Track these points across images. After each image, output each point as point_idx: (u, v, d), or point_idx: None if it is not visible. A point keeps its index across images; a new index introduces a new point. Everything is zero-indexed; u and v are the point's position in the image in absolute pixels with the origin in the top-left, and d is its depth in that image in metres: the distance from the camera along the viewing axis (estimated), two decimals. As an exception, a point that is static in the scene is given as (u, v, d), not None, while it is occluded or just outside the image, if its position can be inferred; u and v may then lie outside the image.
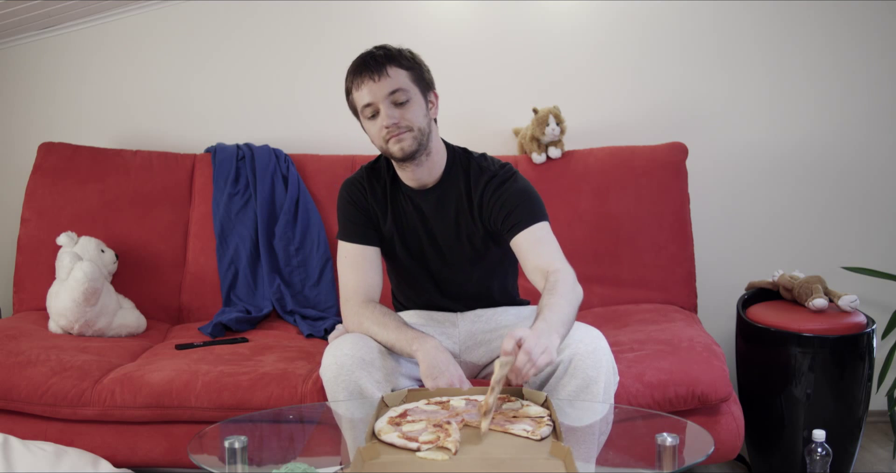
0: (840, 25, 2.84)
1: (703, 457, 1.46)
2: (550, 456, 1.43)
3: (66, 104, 2.97)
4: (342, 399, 1.77)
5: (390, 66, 1.87)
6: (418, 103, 1.90)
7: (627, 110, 2.91)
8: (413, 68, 1.91)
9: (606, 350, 1.78)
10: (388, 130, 1.88)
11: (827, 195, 2.90)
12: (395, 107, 1.87)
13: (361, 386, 1.77)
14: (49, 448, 1.96)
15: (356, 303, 1.94)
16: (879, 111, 2.87)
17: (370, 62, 1.87)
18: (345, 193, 2.05)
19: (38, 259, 2.63)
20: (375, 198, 2.02)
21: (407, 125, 1.88)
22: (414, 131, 1.89)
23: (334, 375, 1.78)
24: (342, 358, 1.79)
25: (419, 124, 1.89)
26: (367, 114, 1.90)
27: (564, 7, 2.90)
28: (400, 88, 1.87)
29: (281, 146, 2.86)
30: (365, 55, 1.90)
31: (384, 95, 1.86)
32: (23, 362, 2.15)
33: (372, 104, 1.88)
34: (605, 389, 1.76)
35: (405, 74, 1.89)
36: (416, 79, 1.91)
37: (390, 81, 1.86)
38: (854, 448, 2.36)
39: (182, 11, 2.93)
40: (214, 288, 2.71)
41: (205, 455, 1.55)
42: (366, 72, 1.87)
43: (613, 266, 2.64)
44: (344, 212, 2.04)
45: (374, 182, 2.03)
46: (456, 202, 1.99)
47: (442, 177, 2.00)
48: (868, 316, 2.37)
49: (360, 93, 1.89)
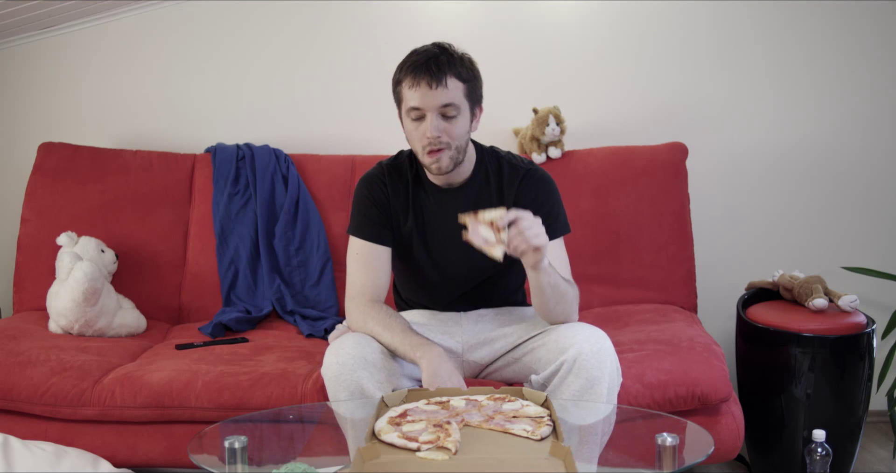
0: (840, 25, 2.84)
1: (703, 457, 1.47)
2: (550, 456, 1.43)
3: (65, 104, 2.97)
4: (343, 399, 1.77)
5: (451, 75, 1.83)
6: (465, 118, 1.88)
7: (627, 110, 2.91)
8: (470, 81, 1.88)
9: (611, 350, 1.78)
10: (429, 141, 1.85)
11: (827, 195, 2.90)
12: (443, 120, 1.84)
13: (363, 386, 1.77)
14: (49, 448, 1.96)
15: (362, 302, 1.93)
16: (879, 111, 2.87)
17: (433, 66, 1.82)
18: (364, 189, 2.01)
19: (38, 259, 2.63)
20: (397, 196, 2.00)
21: (447, 141, 1.85)
22: (452, 150, 1.87)
23: (335, 374, 1.78)
24: (344, 357, 1.78)
25: (459, 142, 1.87)
26: (413, 115, 1.86)
27: (564, 7, 2.89)
28: (453, 103, 1.84)
29: (281, 146, 2.86)
30: (428, 55, 1.84)
31: (436, 106, 1.83)
32: (23, 362, 2.15)
33: (421, 109, 1.84)
34: (609, 389, 1.77)
35: (462, 88, 1.86)
36: (469, 94, 1.88)
37: (447, 94, 1.83)
38: (854, 448, 2.36)
39: (182, 11, 2.93)
40: (214, 288, 2.71)
41: (205, 455, 1.56)
42: (425, 75, 1.82)
43: (613, 266, 2.64)
44: (361, 208, 2.00)
45: (397, 180, 2.01)
46: (486, 200, 1.98)
47: (471, 175, 1.99)
48: (868, 316, 2.37)
49: (412, 93, 1.84)
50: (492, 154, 2.04)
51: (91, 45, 2.94)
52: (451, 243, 1.98)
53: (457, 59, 1.86)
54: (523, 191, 1.97)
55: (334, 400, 1.79)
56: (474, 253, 1.95)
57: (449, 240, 1.98)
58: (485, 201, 1.98)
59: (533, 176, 1.99)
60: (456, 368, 1.82)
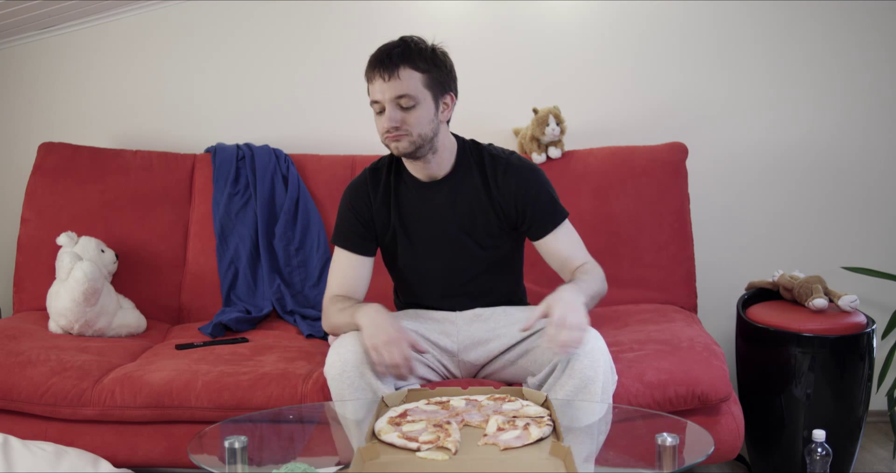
0: (840, 25, 2.84)
1: (703, 457, 1.47)
2: (550, 456, 1.43)
3: (65, 104, 2.97)
4: (348, 397, 1.77)
5: (404, 67, 1.86)
6: (426, 108, 1.89)
7: (627, 110, 2.91)
8: (429, 71, 1.89)
9: (604, 350, 1.79)
10: (386, 130, 1.89)
11: (827, 195, 2.90)
12: (400, 110, 1.87)
13: (368, 381, 1.77)
14: (49, 448, 1.96)
15: (326, 302, 1.99)
16: (879, 111, 2.87)
17: (385, 60, 1.87)
18: (347, 200, 2.06)
19: (38, 259, 2.63)
20: (376, 197, 2.02)
21: (406, 130, 1.88)
22: (412, 136, 1.89)
23: (339, 372, 1.78)
24: (346, 354, 1.79)
25: (420, 130, 1.89)
26: (376, 109, 1.92)
27: (564, 7, 2.89)
28: (407, 94, 1.86)
29: (281, 146, 2.86)
30: (383, 49, 1.90)
31: (391, 97, 1.87)
32: (23, 362, 2.15)
33: (379, 102, 1.89)
34: (604, 389, 1.77)
35: (418, 78, 1.87)
36: (430, 83, 1.89)
37: (399, 85, 1.86)
38: (854, 448, 2.36)
39: (182, 11, 2.93)
40: (214, 288, 2.71)
41: (205, 455, 1.56)
42: (378, 68, 1.87)
43: (613, 266, 2.62)
44: (343, 219, 2.05)
45: (378, 182, 2.04)
46: (471, 192, 2.00)
47: (453, 168, 2.00)
48: (868, 316, 2.37)
49: (371, 86, 1.90)
50: (473, 146, 2.05)
51: (91, 45, 2.94)
52: (432, 236, 2.01)
53: (414, 50, 1.88)
54: (508, 182, 1.98)
55: (338, 399, 1.79)
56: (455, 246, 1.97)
57: (430, 234, 2.01)
58: (469, 193, 2.00)
59: (515, 165, 2.00)
60: (395, 320, 1.83)
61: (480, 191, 2.00)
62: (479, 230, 2.01)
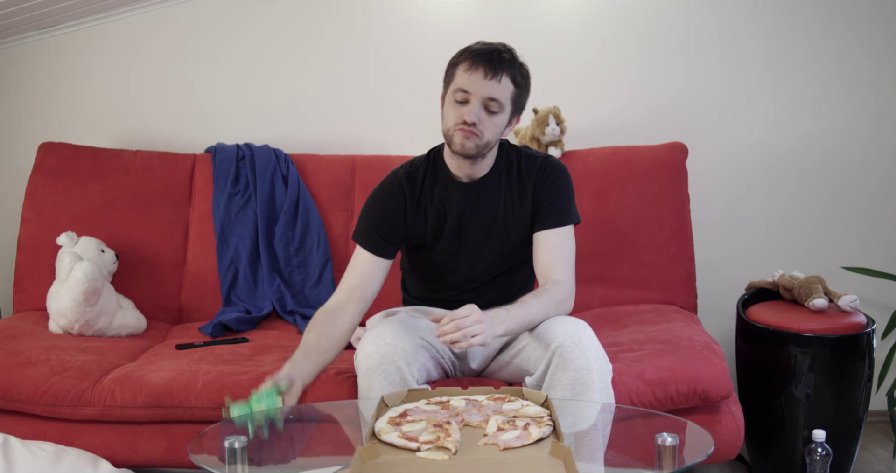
0: (841, 25, 2.84)
1: (703, 457, 1.47)
2: (550, 456, 1.43)
3: (65, 104, 2.97)
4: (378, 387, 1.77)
5: (507, 74, 1.89)
6: (503, 119, 1.92)
7: (627, 110, 2.91)
8: (520, 87, 1.93)
9: (592, 338, 1.81)
10: (463, 124, 1.89)
11: (827, 195, 2.90)
12: (484, 111, 1.89)
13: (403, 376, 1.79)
14: (49, 448, 1.96)
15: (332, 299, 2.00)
16: (880, 111, 2.87)
17: (495, 59, 1.87)
18: (377, 202, 2.05)
19: (38, 259, 2.63)
20: (413, 200, 2.03)
21: (481, 131, 1.89)
22: (482, 139, 1.91)
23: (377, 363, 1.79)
24: (384, 347, 1.81)
25: (491, 137, 1.92)
26: (458, 97, 1.90)
27: (564, 7, 2.89)
28: (499, 100, 1.88)
29: (281, 146, 2.86)
30: (494, 48, 1.90)
31: (485, 96, 1.87)
32: (23, 362, 2.15)
33: (468, 92, 1.88)
34: (600, 377, 1.78)
35: (511, 89, 1.91)
36: (515, 99, 1.93)
37: (498, 88, 1.88)
38: (854, 448, 2.36)
39: (182, 11, 2.93)
40: (214, 288, 2.71)
41: (205, 455, 1.56)
42: (485, 64, 1.87)
43: (613, 266, 2.64)
44: (369, 219, 2.04)
45: (413, 184, 2.04)
46: (505, 192, 2.02)
47: (491, 169, 2.03)
48: (868, 316, 2.37)
49: (466, 76, 1.88)
50: (511, 148, 2.08)
51: (91, 45, 2.94)
52: (467, 234, 2.03)
53: (517, 63, 1.93)
54: (540, 180, 2.02)
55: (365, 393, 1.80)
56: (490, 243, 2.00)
57: (466, 231, 2.03)
58: (503, 193, 2.02)
59: (548, 165, 2.04)
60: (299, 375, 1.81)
61: (514, 189, 2.02)
62: (512, 229, 2.03)
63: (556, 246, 1.99)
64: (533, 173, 2.02)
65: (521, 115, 2.01)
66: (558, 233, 2.00)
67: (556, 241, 1.99)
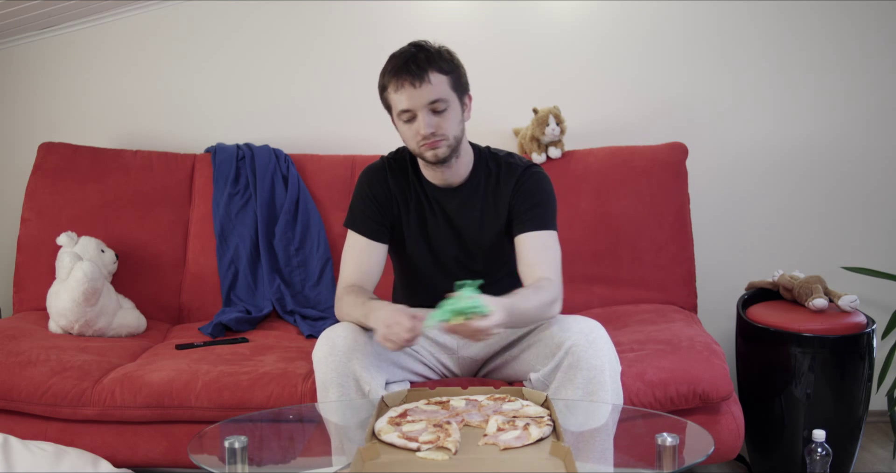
0: (842, 25, 2.84)
1: (703, 457, 1.47)
2: (550, 456, 1.43)
3: (66, 104, 2.97)
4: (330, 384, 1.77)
5: (432, 71, 1.84)
6: (455, 110, 1.89)
7: (627, 110, 2.91)
8: (452, 72, 1.88)
9: (606, 338, 1.81)
10: (424, 138, 1.87)
11: (827, 195, 2.90)
12: (434, 116, 1.86)
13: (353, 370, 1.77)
14: (49, 448, 1.96)
15: (340, 290, 1.96)
16: (880, 111, 2.87)
17: (412, 66, 1.83)
18: (365, 184, 2.03)
19: (38, 259, 2.63)
20: (399, 189, 2.01)
21: (443, 134, 1.87)
22: (449, 140, 1.89)
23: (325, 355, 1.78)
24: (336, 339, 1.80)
25: (454, 132, 1.89)
26: (404, 118, 1.88)
27: (564, 7, 2.90)
28: (439, 98, 1.85)
29: (281, 146, 2.86)
30: (406, 56, 1.86)
31: (424, 104, 1.84)
32: (23, 362, 2.15)
33: (411, 110, 1.85)
34: (612, 377, 1.79)
35: (445, 80, 1.87)
36: (455, 85, 1.89)
37: (431, 89, 1.84)
38: (854, 448, 2.36)
39: (182, 11, 2.93)
40: (214, 288, 2.71)
41: (205, 455, 1.56)
42: (406, 76, 1.83)
43: (613, 266, 2.64)
44: (360, 203, 2.02)
45: (399, 174, 2.02)
46: (483, 200, 2.00)
47: (469, 176, 2.00)
48: (868, 316, 2.37)
49: (398, 96, 1.86)
50: (490, 156, 2.05)
51: (91, 45, 2.94)
52: (448, 241, 2.01)
53: (434, 53, 1.87)
54: (518, 186, 1.98)
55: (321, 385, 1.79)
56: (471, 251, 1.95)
57: (446, 238, 2.00)
58: (480, 202, 2.00)
59: (528, 173, 2.00)
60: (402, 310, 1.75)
61: (491, 197, 1.99)
62: (492, 236, 2.01)
63: (541, 247, 1.94)
64: (512, 180, 1.99)
65: (470, 92, 1.95)
66: (540, 236, 1.94)
67: (540, 243, 1.94)
